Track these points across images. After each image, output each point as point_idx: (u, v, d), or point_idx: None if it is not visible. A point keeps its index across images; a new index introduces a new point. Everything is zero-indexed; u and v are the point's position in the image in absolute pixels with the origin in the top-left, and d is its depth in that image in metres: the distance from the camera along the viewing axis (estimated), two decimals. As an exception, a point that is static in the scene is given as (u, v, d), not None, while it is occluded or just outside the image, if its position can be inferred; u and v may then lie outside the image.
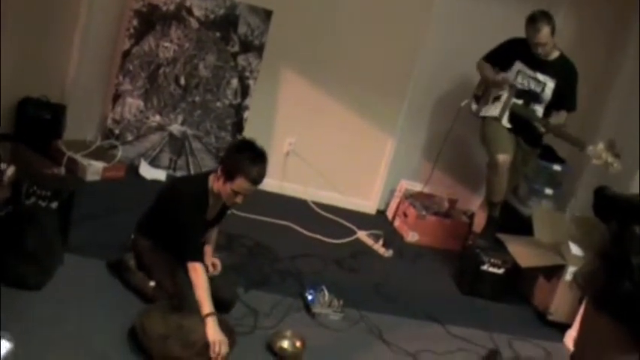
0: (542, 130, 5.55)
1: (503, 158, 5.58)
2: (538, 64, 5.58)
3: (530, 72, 5.61)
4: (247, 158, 3.80)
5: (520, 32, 5.54)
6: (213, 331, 3.54)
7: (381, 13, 6.17)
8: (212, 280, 4.05)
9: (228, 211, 4.34)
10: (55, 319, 3.57)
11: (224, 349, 3.51)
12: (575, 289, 5.07)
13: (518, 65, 5.66)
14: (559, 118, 5.63)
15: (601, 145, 5.04)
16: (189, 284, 3.91)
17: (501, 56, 5.75)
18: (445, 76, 6.42)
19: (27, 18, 5.34)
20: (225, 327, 3.72)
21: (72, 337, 3.48)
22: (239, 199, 3.87)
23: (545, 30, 5.39)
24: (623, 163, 5.01)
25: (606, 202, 1.26)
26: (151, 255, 4.08)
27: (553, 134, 5.63)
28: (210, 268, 4.14)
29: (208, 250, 4.25)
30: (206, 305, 3.60)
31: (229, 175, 3.80)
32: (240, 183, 3.78)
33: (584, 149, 5.15)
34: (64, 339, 3.44)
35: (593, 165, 5.86)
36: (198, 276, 3.68)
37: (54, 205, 4.02)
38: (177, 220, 3.89)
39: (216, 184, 3.92)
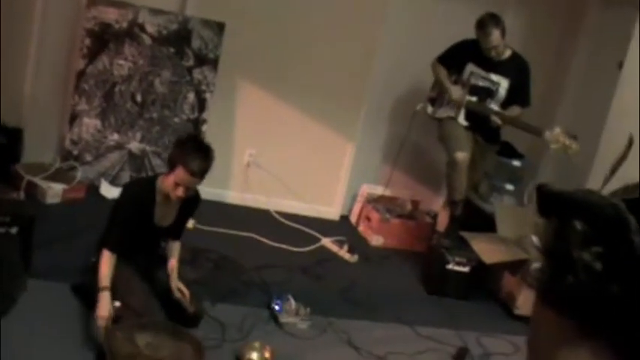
0: (499, 122, 5.59)
1: (462, 156, 5.62)
2: (491, 64, 5.64)
3: (483, 73, 5.67)
4: (188, 149, 3.87)
5: (472, 32, 5.59)
6: (101, 303, 3.71)
7: (333, 20, 6.19)
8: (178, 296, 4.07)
9: (189, 225, 4.33)
10: (21, 346, 3.55)
11: (102, 323, 3.66)
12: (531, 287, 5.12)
13: (470, 67, 5.72)
14: (512, 112, 5.68)
15: (557, 130, 5.11)
16: (155, 301, 3.94)
17: (454, 58, 5.80)
18: (400, 79, 6.45)
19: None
20: (193, 342, 3.72)
21: (38, 362, 3.46)
22: (179, 192, 3.88)
23: (495, 33, 5.45)
24: (580, 154, 5.08)
25: (547, 199, 1.27)
26: (115, 274, 4.05)
27: (510, 125, 5.69)
28: (177, 294, 4.12)
29: (172, 267, 4.21)
30: (103, 279, 3.77)
31: (171, 166, 3.88)
32: (179, 173, 3.82)
33: (542, 135, 5.21)
34: (31, 365, 3.43)
35: (552, 158, 5.96)
36: (104, 257, 3.83)
37: (14, 230, 3.99)
38: (120, 213, 4.00)
39: (164, 181, 3.96)
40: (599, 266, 1.12)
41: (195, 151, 3.88)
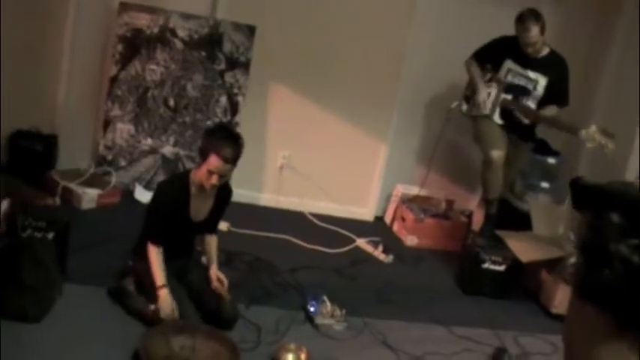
0: (524, 120, 5.54)
1: (497, 154, 5.58)
2: (529, 61, 5.58)
3: (520, 70, 5.62)
4: (219, 137, 3.95)
5: (507, 31, 5.56)
6: (162, 300, 3.87)
7: (365, 19, 6.18)
8: (213, 299, 4.09)
9: (224, 227, 4.35)
10: (58, 350, 3.58)
11: (169, 314, 3.85)
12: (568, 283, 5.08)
13: (508, 64, 5.67)
14: (550, 112, 5.62)
15: (593, 128, 5.05)
16: (189, 305, 3.96)
17: (491, 55, 5.74)
18: (434, 78, 6.40)
19: (12, 50, 5.35)
20: (228, 344, 3.73)
21: (76, 366, 3.49)
22: (214, 180, 3.94)
23: (534, 29, 5.40)
24: (617, 150, 5.02)
25: (582, 192, 1.25)
26: (151, 277, 4.08)
27: (545, 124, 5.65)
28: (216, 284, 4.17)
29: (212, 264, 4.29)
30: (159, 279, 3.92)
31: (203, 156, 3.94)
32: (212, 161, 3.88)
33: (577, 134, 5.16)
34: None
35: (588, 155, 5.90)
36: (152, 255, 3.98)
37: (50, 235, 4.03)
38: (155, 211, 4.09)
39: (197, 174, 4.03)
40: (636, 259, 1.10)
41: (225, 138, 3.96)
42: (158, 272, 3.95)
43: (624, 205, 1.18)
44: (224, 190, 4.21)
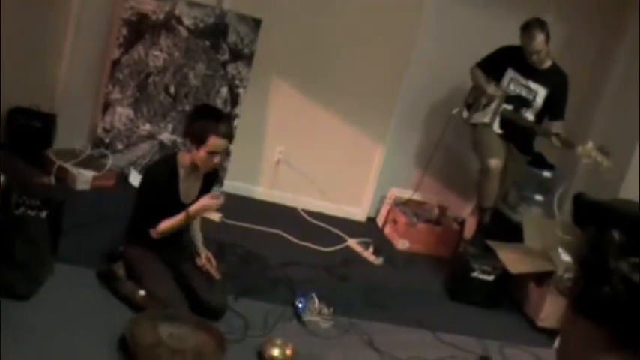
0: (527, 125, 5.58)
1: (495, 163, 5.59)
2: (530, 72, 5.61)
3: (522, 80, 5.64)
4: (211, 118, 4.04)
5: (510, 39, 5.58)
6: (197, 204, 4.06)
7: (371, 20, 6.18)
8: (202, 288, 4.09)
9: (216, 218, 4.37)
10: (45, 328, 3.58)
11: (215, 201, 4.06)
12: (558, 294, 5.09)
13: (510, 73, 5.69)
14: (556, 129, 5.63)
15: (590, 145, 5.07)
16: (179, 293, 3.97)
17: (494, 64, 5.77)
18: (435, 83, 6.41)
19: (16, 26, 5.35)
20: (215, 334, 3.74)
21: (61, 346, 3.49)
22: (216, 159, 4.05)
23: (539, 37, 5.42)
24: (613, 168, 5.04)
25: (584, 209, 1.27)
26: (142, 263, 4.09)
27: (542, 136, 5.66)
28: (204, 261, 4.25)
29: (198, 242, 4.36)
30: (178, 217, 4.07)
31: (200, 139, 3.97)
32: (213, 141, 3.95)
33: (574, 149, 5.17)
34: (54, 348, 3.45)
35: (582, 171, 5.91)
36: (159, 227, 4.07)
37: (43, 214, 4.02)
38: (145, 195, 4.13)
39: (186, 157, 4.09)
40: (636, 277, 1.11)
41: (217, 117, 4.08)
42: (174, 220, 4.06)
43: (625, 222, 1.19)
44: (212, 171, 4.26)
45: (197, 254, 4.27)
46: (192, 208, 4.05)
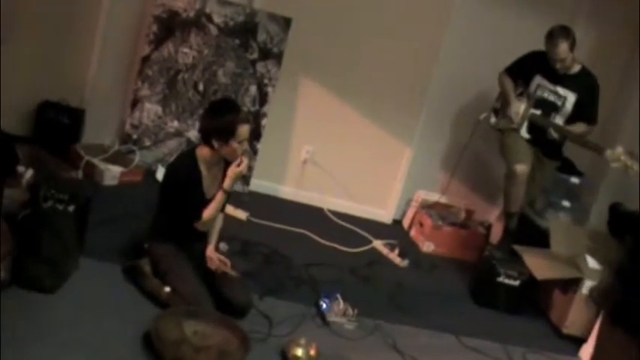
0: (555, 136, 5.54)
1: (521, 168, 5.56)
2: (559, 78, 5.57)
3: (550, 86, 5.60)
4: (229, 110, 4.08)
5: (540, 44, 5.54)
6: (230, 172, 4.11)
7: (400, 22, 6.16)
8: (227, 286, 4.09)
9: (242, 216, 4.36)
10: (70, 322, 3.58)
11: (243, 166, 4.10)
12: (592, 304, 5.04)
13: (538, 79, 5.66)
14: (577, 128, 5.60)
15: (620, 149, 5.03)
16: (204, 290, 3.96)
17: (522, 70, 5.75)
18: (464, 87, 6.40)
19: (47, 22, 5.39)
20: (239, 333, 3.73)
21: (86, 341, 3.49)
22: (245, 145, 4.10)
23: (563, 45, 5.38)
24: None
25: (621, 219, 1.25)
26: (168, 260, 4.09)
27: (570, 140, 5.63)
28: (218, 264, 4.22)
29: (210, 245, 4.32)
30: (216, 199, 4.14)
31: (229, 133, 4.00)
32: (241, 130, 4.01)
33: (603, 153, 5.13)
34: (79, 343, 3.45)
35: (611, 178, 5.85)
36: (204, 213, 4.10)
37: (71, 208, 4.02)
38: (169, 193, 4.14)
39: (205, 151, 4.12)
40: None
41: (233, 107, 4.16)
42: (214, 204, 4.12)
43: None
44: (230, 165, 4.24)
45: (209, 258, 4.25)
46: (226, 183, 4.10)
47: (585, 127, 5.60)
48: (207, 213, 4.08)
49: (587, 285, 5.11)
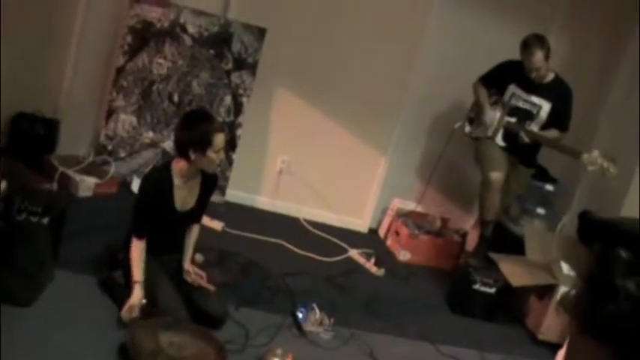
0: (526, 139, 5.56)
1: (496, 176, 5.59)
2: (533, 87, 5.60)
3: (524, 95, 5.64)
4: (204, 120, 4.07)
5: (516, 53, 5.56)
6: (134, 296, 3.88)
7: (375, 32, 6.19)
8: (203, 297, 4.08)
9: (218, 227, 4.34)
10: (45, 335, 3.56)
11: (134, 313, 3.83)
12: (563, 312, 5.07)
13: (512, 88, 5.69)
14: (550, 134, 5.64)
15: (596, 152, 5.08)
16: (179, 300, 3.95)
17: (496, 79, 5.78)
18: (439, 97, 6.43)
19: (21, 33, 5.35)
20: (215, 344, 3.73)
21: (62, 353, 3.47)
22: (221, 154, 4.07)
23: (538, 54, 5.42)
24: (618, 174, 5.03)
25: (590, 226, 1.26)
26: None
27: (546, 146, 5.67)
28: (194, 277, 4.19)
29: (187, 258, 4.29)
30: (136, 273, 3.94)
31: (206, 143, 3.96)
32: (217, 140, 3.97)
33: (579, 157, 5.16)
34: (53, 355, 3.44)
35: (586, 185, 5.89)
36: (135, 250, 3.99)
37: (45, 220, 4.01)
38: (141, 206, 4.09)
39: (181, 164, 4.06)
40: (643, 296, 1.11)
41: (207, 117, 4.17)
42: (136, 266, 3.95)
43: (632, 241, 1.18)
44: (211, 177, 4.24)
45: (186, 271, 4.24)
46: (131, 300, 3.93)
47: (558, 134, 5.65)
48: (132, 259, 4.02)
49: (562, 291, 5.14)
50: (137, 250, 3.98)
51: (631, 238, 1.07)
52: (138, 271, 3.94)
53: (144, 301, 3.94)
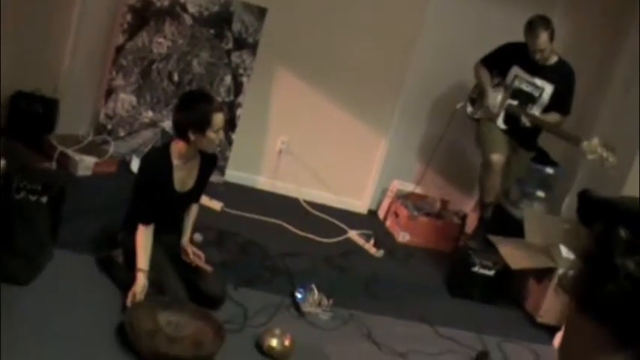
0: (527, 123, 5.55)
1: (497, 158, 5.58)
2: (536, 69, 5.57)
3: (527, 77, 5.61)
4: (201, 102, 4.02)
5: (518, 35, 5.54)
6: (137, 284, 3.81)
7: (376, 12, 6.16)
8: (202, 277, 4.08)
9: (217, 207, 4.33)
10: (44, 314, 3.57)
11: (137, 297, 3.79)
12: (562, 292, 5.07)
13: (515, 70, 5.66)
14: (551, 118, 5.62)
15: (596, 140, 5.06)
16: (178, 280, 3.95)
17: (498, 61, 5.74)
18: (441, 77, 6.40)
19: (21, 12, 5.32)
20: (214, 324, 3.73)
21: (60, 332, 3.47)
22: (220, 134, 4.03)
23: (543, 36, 5.39)
24: (618, 164, 5.02)
25: (590, 205, 1.25)
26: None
27: (547, 131, 5.65)
28: (192, 257, 4.18)
29: (185, 237, 4.27)
30: (141, 261, 3.88)
31: (205, 123, 3.93)
32: (216, 119, 3.94)
33: (579, 144, 5.15)
34: (52, 334, 3.43)
35: (586, 168, 5.88)
36: (141, 236, 3.94)
37: (44, 199, 4.00)
38: (141, 186, 4.08)
39: (180, 145, 4.03)
40: (642, 275, 1.10)
41: (205, 96, 4.16)
42: (142, 254, 3.90)
43: (632, 220, 1.17)
44: (210, 157, 4.22)
45: (184, 251, 4.23)
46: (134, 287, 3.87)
47: (559, 118, 5.63)
48: (138, 246, 3.98)
49: (571, 272, 5.13)
50: (143, 236, 3.94)
51: (631, 217, 1.06)
52: (143, 259, 3.90)
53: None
